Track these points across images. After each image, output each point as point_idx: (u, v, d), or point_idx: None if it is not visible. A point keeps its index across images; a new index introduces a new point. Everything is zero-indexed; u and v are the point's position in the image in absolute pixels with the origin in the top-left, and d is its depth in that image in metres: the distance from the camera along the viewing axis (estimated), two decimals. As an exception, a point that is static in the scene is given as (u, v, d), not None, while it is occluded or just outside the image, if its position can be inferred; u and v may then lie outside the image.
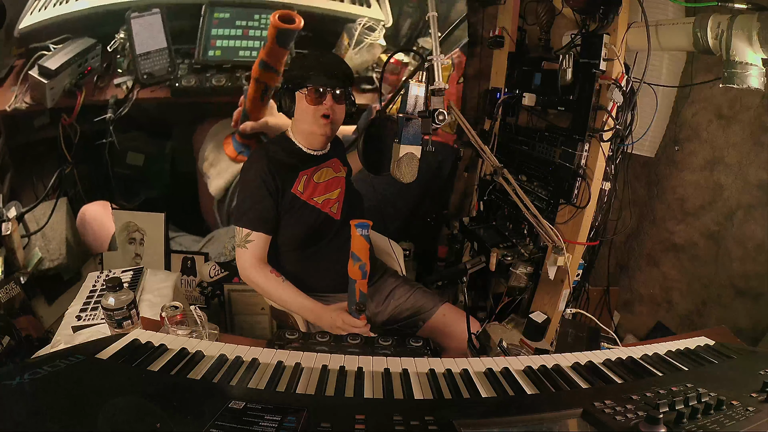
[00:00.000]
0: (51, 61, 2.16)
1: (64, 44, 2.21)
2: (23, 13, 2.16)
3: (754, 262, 1.74)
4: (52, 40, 2.21)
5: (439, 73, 1.17)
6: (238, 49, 2.38)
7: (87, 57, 2.24)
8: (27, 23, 2.16)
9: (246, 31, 2.39)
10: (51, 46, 2.20)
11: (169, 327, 1.11)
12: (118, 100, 2.32)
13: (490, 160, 1.60)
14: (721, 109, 1.81)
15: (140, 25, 2.24)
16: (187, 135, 2.49)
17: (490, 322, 1.61)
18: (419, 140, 1.20)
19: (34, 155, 2.31)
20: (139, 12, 2.22)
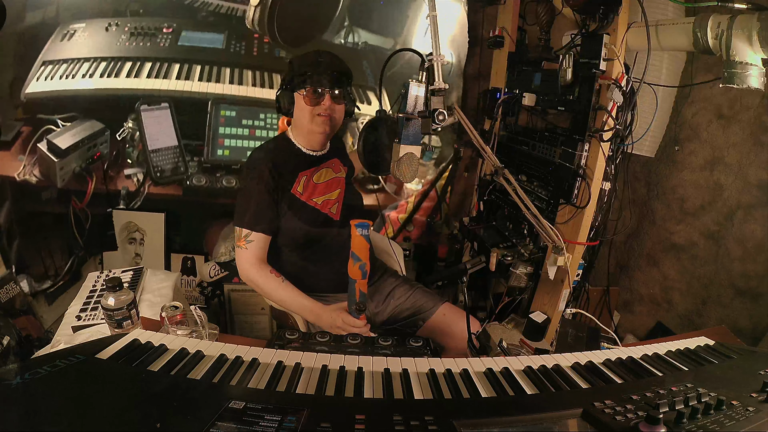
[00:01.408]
0: (60, 140, 2.21)
1: (72, 123, 2.26)
2: (29, 77, 2.19)
3: (754, 262, 1.74)
4: (60, 116, 2.25)
5: (439, 73, 1.17)
6: (246, 150, 2.42)
7: (96, 142, 2.30)
8: (33, 89, 2.19)
9: (252, 130, 2.45)
10: (59, 122, 2.24)
11: (169, 327, 1.11)
12: (130, 193, 2.37)
13: (491, 160, 1.60)
14: (721, 109, 1.81)
15: (151, 118, 2.29)
16: (199, 234, 2.51)
17: (490, 322, 1.61)
18: (419, 140, 1.20)
19: (40, 226, 2.34)
20: (149, 105, 2.27)
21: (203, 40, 2.39)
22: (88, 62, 2.25)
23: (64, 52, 2.25)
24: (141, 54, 2.31)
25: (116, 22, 2.30)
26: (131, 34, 2.31)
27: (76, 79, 2.22)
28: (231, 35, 2.40)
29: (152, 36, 2.34)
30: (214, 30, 2.40)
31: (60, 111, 2.25)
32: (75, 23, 2.26)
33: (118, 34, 2.30)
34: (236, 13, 2.38)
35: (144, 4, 2.33)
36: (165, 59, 2.34)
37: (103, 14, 2.29)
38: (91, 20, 2.28)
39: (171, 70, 2.34)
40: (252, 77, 2.39)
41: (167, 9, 2.35)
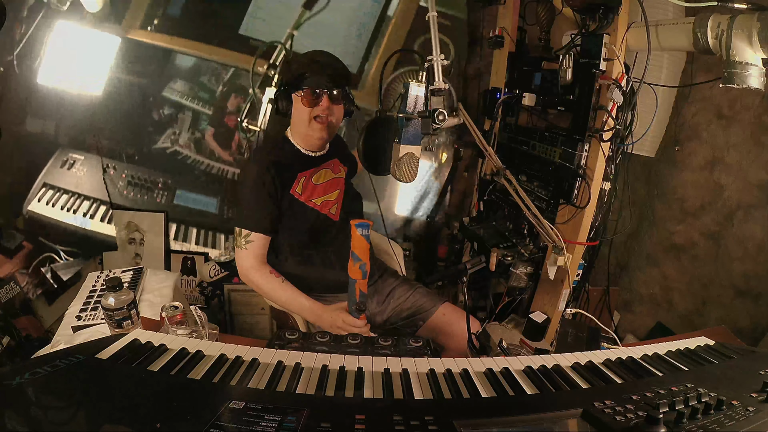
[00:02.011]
0: (63, 273, 2.26)
1: (76, 260, 2.32)
2: (30, 194, 2.27)
3: (754, 262, 1.74)
4: (63, 248, 2.32)
5: (439, 73, 1.17)
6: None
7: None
8: (35, 209, 2.28)
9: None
10: (62, 253, 2.31)
11: (169, 327, 1.11)
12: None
13: (493, 161, 1.60)
14: (721, 109, 1.81)
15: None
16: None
17: (490, 322, 1.61)
18: (419, 140, 1.20)
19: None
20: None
21: (197, 201, 2.50)
22: (89, 201, 2.35)
23: (65, 181, 2.33)
24: (139, 207, 2.42)
25: (114, 165, 2.39)
26: (128, 182, 2.41)
27: (77, 216, 2.31)
28: (223, 200, 2.49)
29: (149, 190, 2.44)
30: (208, 193, 2.50)
31: (62, 242, 2.33)
32: (74, 153, 2.35)
33: (116, 179, 2.40)
34: (226, 176, 2.48)
35: (139, 150, 2.42)
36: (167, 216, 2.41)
37: (100, 152, 2.36)
38: (89, 155, 2.37)
39: (168, 228, 2.42)
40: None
41: (162, 162, 2.43)
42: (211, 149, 2.48)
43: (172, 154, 2.42)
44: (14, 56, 2.05)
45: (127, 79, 2.32)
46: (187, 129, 2.44)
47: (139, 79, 2.35)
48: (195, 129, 2.46)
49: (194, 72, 2.42)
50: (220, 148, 2.50)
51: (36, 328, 1.93)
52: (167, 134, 2.44)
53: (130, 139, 2.39)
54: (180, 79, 2.41)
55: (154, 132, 2.43)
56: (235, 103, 2.45)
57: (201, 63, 2.41)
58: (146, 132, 2.41)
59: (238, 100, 2.44)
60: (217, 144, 2.49)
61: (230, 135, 2.48)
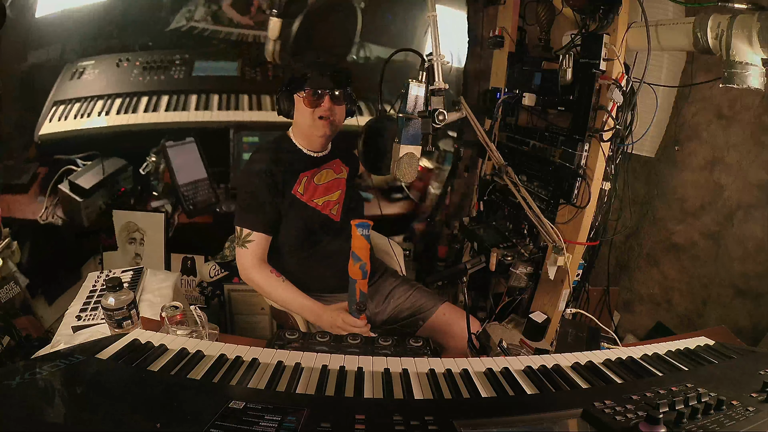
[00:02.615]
0: (83, 179, 2.20)
1: (93, 162, 2.25)
2: (41, 118, 2.18)
3: (754, 262, 1.74)
4: (79, 155, 2.24)
5: (439, 73, 1.17)
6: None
7: (119, 178, 2.30)
8: (47, 131, 2.18)
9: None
10: (79, 162, 2.23)
11: (169, 327, 1.11)
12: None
13: (496, 158, 1.60)
14: (721, 109, 1.81)
15: (177, 154, 2.29)
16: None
17: (490, 322, 1.61)
18: (419, 140, 1.20)
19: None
20: (174, 141, 2.27)
21: (217, 68, 2.40)
22: (102, 99, 2.26)
23: (76, 90, 2.24)
24: (156, 87, 2.32)
25: (126, 57, 2.30)
26: (143, 68, 2.32)
27: (92, 118, 2.22)
28: (245, 62, 2.41)
29: (165, 69, 2.35)
30: (227, 58, 2.41)
31: (78, 150, 2.25)
32: (83, 61, 2.26)
33: (130, 69, 2.30)
34: (247, 40, 2.39)
35: (153, 37, 2.33)
36: (181, 91, 2.34)
37: (111, 50, 2.29)
38: (99, 57, 2.28)
39: (189, 101, 2.35)
40: (270, 102, 2.40)
41: (177, 41, 2.34)
42: (230, 17, 2.40)
43: (188, 31, 2.34)
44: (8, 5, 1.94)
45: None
46: (204, 3, 2.36)
47: None
48: (211, 2, 2.37)
49: None
50: (239, 15, 2.40)
51: (36, 328, 1.93)
52: (182, 13, 2.35)
53: (143, 29, 2.31)
54: None
55: (168, 15, 2.33)
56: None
57: None
58: (159, 18, 2.31)
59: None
60: (236, 11, 2.40)
61: (249, 0, 2.39)
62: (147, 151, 2.30)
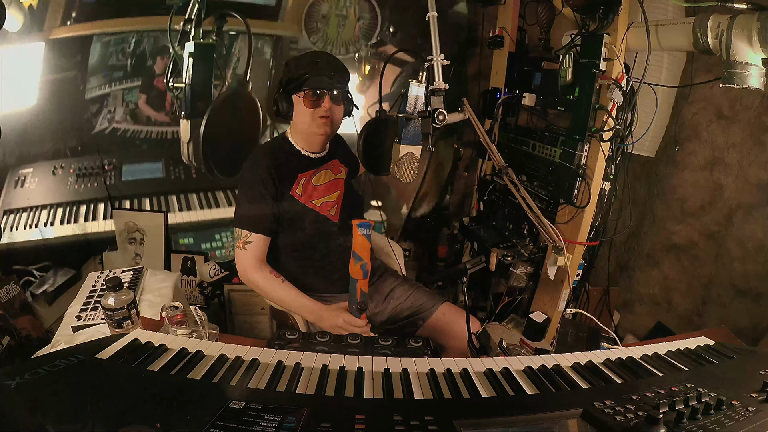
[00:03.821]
0: (39, 290, 2.20)
1: (48, 274, 2.27)
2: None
3: (754, 262, 1.74)
4: (35, 266, 2.29)
5: (439, 73, 1.17)
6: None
7: (76, 287, 2.24)
8: (3, 241, 2.20)
9: (213, 252, 2.57)
10: (35, 273, 2.27)
11: (169, 327, 1.11)
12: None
13: (497, 159, 1.60)
14: (721, 109, 1.81)
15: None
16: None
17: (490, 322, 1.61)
18: (419, 140, 1.20)
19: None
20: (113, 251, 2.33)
21: (144, 171, 2.49)
22: (45, 209, 2.32)
23: (21, 200, 2.31)
24: (92, 195, 2.40)
25: (60, 164, 2.37)
26: (77, 175, 2.39)
27: (39, 228, 2.28)
28: (168, 161, 2.50)
29: (97, 175, 2.41)
30: (151, 159, 2.49)
31: (33, 261, 2.30)
32: (23, 168, 2.33)
33: (65, 176, 2.37)
34: (167, 137, 2.47)
35: (80, 140, 2.39)
36: (115, 197, 2.41)
37: (44, 156, 2.34)
38: (36, 163, 2.34)
39: (122, 205, 2.43)
40: (197, 200, 2.50)
41: (104, 143, 2.41)
42: (147, 115, 2.50)
43: (112, 133, 2.42)
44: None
45: (57, 78, 2.31)
46: (121, 104, 2.45)
47: (68, 73, 2.33)
48: (128, 101, 2.47)
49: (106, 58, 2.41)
50: (155, 111, 2.51)
51: (36, 328, 1.93)
52: (103, 115, 2.44)
53: (71, 132, 2.39)
54: (95, 74, 2.40)
55: (91, 117, 2.42)
56: (162, 65, 2.43)
57: (113, 47, 2.39)
58: (84, 120, 2.40)
59: (165, 61, 2.40)
60: (151, 108, 2.50)
61: (162, 96, 2.50)
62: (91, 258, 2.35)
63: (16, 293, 1.86)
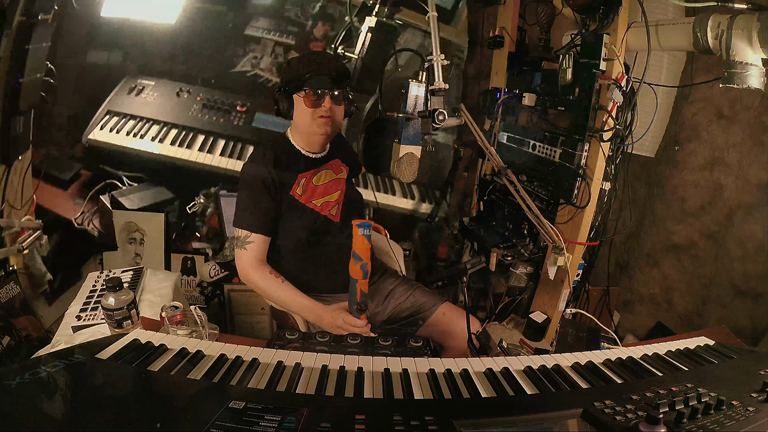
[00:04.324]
0: (126, 200, 2.21)
1: (139, 186, 2.25)
2: (92, 122, 2.19)
3: (754, 262, 1.74)
4: (126, 173, 2.25)
5: (439, 73, 1.17)
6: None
7: (163, 210, 2.28)
8: (97, 137, 2.19)
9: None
10: (125, 179, 2.24)
11: (169, 327, 1.11)
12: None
13: (495, 161, 1.60)
14: (721, 109, 1.81)
15: (230, 204, 2.25)
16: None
17: (490, 322, 1.61)
18: (419, 140, 1.20)
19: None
20: (228, 191, 2.27)
21: (278, 124, 2.37)
22: (158, 125, 2.26)
23: (132, 107, 2.24)
24: (214, 129, 2.31)
25: (188, 89, 2.31)
26: (203, 105, 2.32)
27: (145, 140, 2.22)
28: None
29: (226, 112, 2.35)
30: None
31: (125, 167, 2.25)
32: (143, 78, 2.27)
33: (190, 102, 2.30)
34: None
35: (216, 74, 2.32)
36: (239, 139, 2.33)
37: (172, 76, 2.29)
38: (160, 80, 2.28)
39: (245, 150, 2.34)
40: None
41: (240, 84, 2.34)
42: None
43: (252, 78, 2.35)
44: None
45: (205, 7, 2.25)
46: (270, 53, 2.39)
47: (219, 7, 2.28)
48: (278, 53, 2.40)
49: (279, 6, 2.37)
50: None
51: (36, 328, 1.93)
52: (248, 58, 2.37)
53: (207, 64, 2.33)
54: (262, 17, 2.37)
55: (233, 56, 2.36)
56: (322, 30, 2.42)
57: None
58: (225, 57, 2.35)
59: (326, 28, 2.41)
60: None
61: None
62: (195, 189, 2.29)
63: (16, 293, 1.86)
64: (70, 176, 2.20)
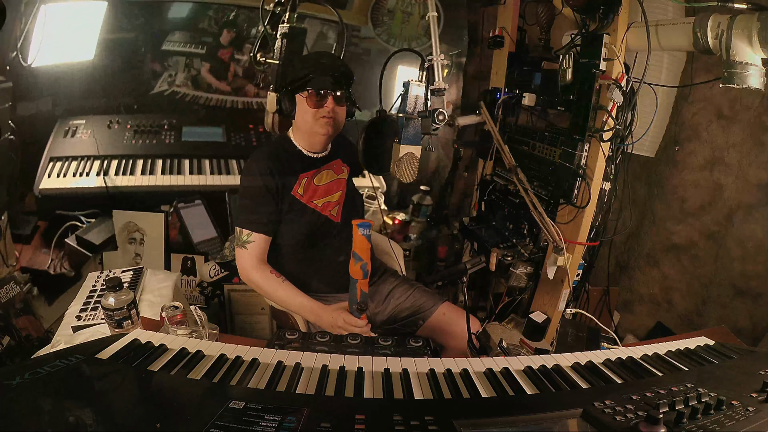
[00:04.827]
0: (91, 235, 2.27)
1: (97, 220, 2.32)
2: (39, 173, 2.24)
3: (754, 262, 1.74)
4: (82, 212, 2.31)
5: (439, 73, 1.17)
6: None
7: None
8: (46, 185, 2.23)
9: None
10: (83, 218, 2.30)
11: (169, 327, 1.11)
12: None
13: (507, 158, 1.61)
14: (721, 109, 1.81)
15: (189, 214, 2.38)
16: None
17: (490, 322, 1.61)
18: (419, 140, 1.20)
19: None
20: (185, 203, 2.36)
21: (204, 134, 2.52)
22: (99, 160, 2.32)
23: (71, 148, 2.31)
24: (150, 151, 2.41)
25: (117, 119, 2.41)
26: (135, 131, 2.42)
27: (91, 177, 2.27)
28: (229, 127, 2.53)
29: (155, 133, 2.45)
30: (213, 123, 2.54)
31: (79, 207, 2.31)
32: (74, 119, 2.35)
33: (122, 131, 2.40)
34: (226, 105, 2.54)
35: (137, 99, 2.42)
36: (174, 155, 2.42)
37: (98, 111, 2.37)
38: (89, 117, 2.36)
39: (182, 165, 2.43)
40: None
41: (162, 105, 2.44)
42: (208, 83, 2.57)
43: (171, 95, 2.47)
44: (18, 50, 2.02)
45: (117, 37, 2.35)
46: (183, 69, 2.51)
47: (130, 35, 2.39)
48: (190, 68, 2.53)
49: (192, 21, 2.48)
50: (216, 80, 2.59)
51: (36, 328, 1.92)
52: (164, 78, 2.49)
53: (128, 90, 2.43)
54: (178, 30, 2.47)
55: (151, 79, 2.47)
56: (227, 38, 2.54)
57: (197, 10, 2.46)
58: (143, 80, 2.45)
59: (231, 35, 2.53)
60: (213, 77, 2.58)
61: (225, 67, 2.59)
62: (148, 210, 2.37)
63: (16, 293, 1.86)
64: (30, 230, 2.27)
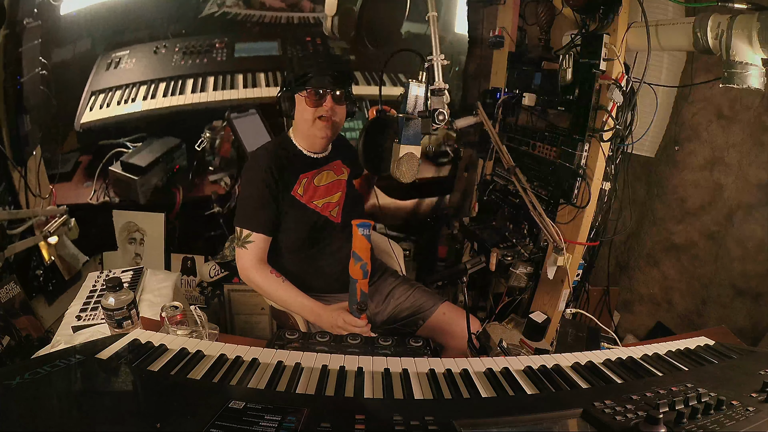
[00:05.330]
0: (137, 158, 2.26)
1: (144, 143, 2.30)
2: (80, 108, 2.21)
3: (754, 262, 1.74)
4: (127, 138, 2.29)
5: (439, 73, 1.17)
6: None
7: (174, 156, 2.34)
8: (88, 119, 2.21)
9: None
10: (129, 144, 2.29)
11: (169, 327, 1.11)
12: (221, 196, 2.41)
13: (506, 160, 1.61)
14: (721, 109, 1.81)
15: (242, 123, 2.34)
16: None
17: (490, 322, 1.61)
18: (419, 140, 1.20)
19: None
20: (238, 113, 2.33)
21: (258, 49, 2.46)
22: (145, 85, 2.29)
23: (114, 79, 2.28)
24: (200, 70, 2.36)
25: (163, 44, 2.35)
26: (183, 53, 2.37)
27: (137, 102, 2.25)
28: (284, 41, 2.46)
29: (207, 52, 2.40)
30: (267, 38, 2.47)
31: (124, 134, 2.29)
32: (117, 51, 2.30)
33: (169, 55, 2.35)
34: (280, 21, 2.45)
35: (186, 25, 2.35)
36: (227, 71, 2.38)
37: (140, 41, 2.32)
38: (133, 46, 2.31)
39: (236, 80, 2.39)
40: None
41: (212, 27, 2.38)
42: (261, 1, 2.47)
43: (221, 16, 2.39)
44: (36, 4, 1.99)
45: None
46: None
47: None
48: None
49: None
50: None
51: (36, 328, 1.93)
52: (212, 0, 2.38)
53: (174, 19, 2.35)
54: None
55: (200, 2, 2.38)
56: None
57: None
58: (191, 6, 2.37)
59: None
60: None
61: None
62: (198, 129, 2.34)
63: (16, 293, 1.86)
64: (71, 167, 2.26)
